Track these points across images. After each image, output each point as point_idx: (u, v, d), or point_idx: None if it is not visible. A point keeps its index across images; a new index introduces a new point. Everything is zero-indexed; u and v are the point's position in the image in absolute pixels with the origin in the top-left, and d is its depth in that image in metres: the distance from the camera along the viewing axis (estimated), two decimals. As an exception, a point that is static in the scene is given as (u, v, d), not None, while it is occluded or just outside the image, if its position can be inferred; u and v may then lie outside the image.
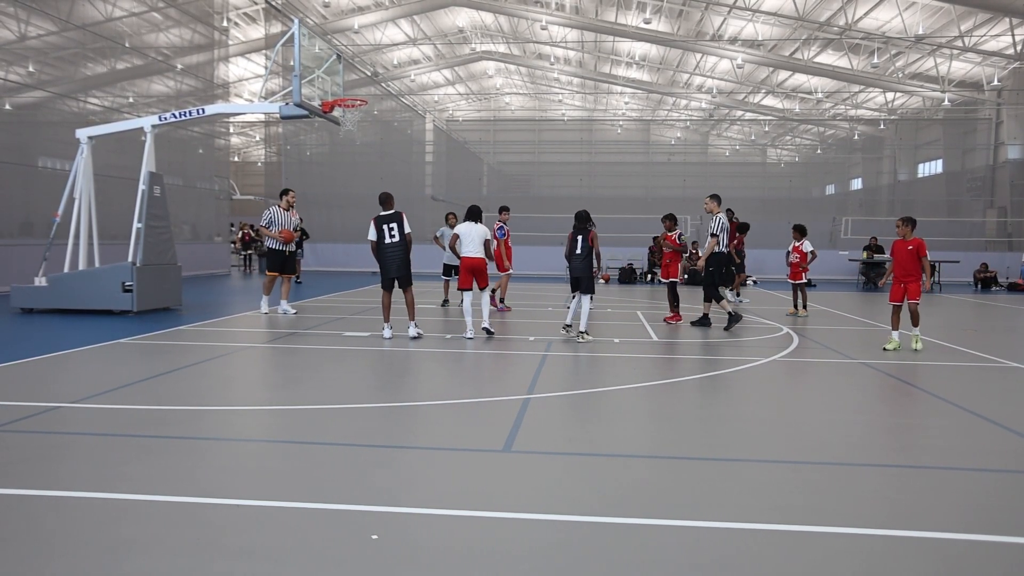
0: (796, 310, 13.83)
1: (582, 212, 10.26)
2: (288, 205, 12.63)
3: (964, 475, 4.67)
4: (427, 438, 5.39)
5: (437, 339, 10.12)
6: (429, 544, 3.43)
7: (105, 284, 12.17)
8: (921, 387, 7.45)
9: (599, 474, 4.53)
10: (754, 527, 3.66)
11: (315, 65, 12.48)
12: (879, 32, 29.38)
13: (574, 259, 10.13)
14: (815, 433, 5.59)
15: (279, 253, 12.50)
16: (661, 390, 7.20)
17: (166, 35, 23.68)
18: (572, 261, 10.20)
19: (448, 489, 4.21)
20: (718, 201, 11.85)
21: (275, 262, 12.53)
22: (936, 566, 3.34)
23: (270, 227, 12.37)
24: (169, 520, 3.66)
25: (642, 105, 49.23)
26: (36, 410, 5.76)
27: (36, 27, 18.72)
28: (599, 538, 3.53)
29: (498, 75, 47.33)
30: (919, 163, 36.87)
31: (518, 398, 6.48)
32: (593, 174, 38.05)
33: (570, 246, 10.25)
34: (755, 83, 39.67)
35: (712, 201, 11.86)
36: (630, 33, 33.21)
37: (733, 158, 45.09)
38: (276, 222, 12.40)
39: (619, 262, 25.12)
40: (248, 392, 7.12)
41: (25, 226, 17.77)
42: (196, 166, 25.39)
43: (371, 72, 36.94)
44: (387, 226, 9.88)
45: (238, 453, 4.99)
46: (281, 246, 12.46)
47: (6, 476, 4.27)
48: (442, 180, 37.31)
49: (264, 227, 12.44)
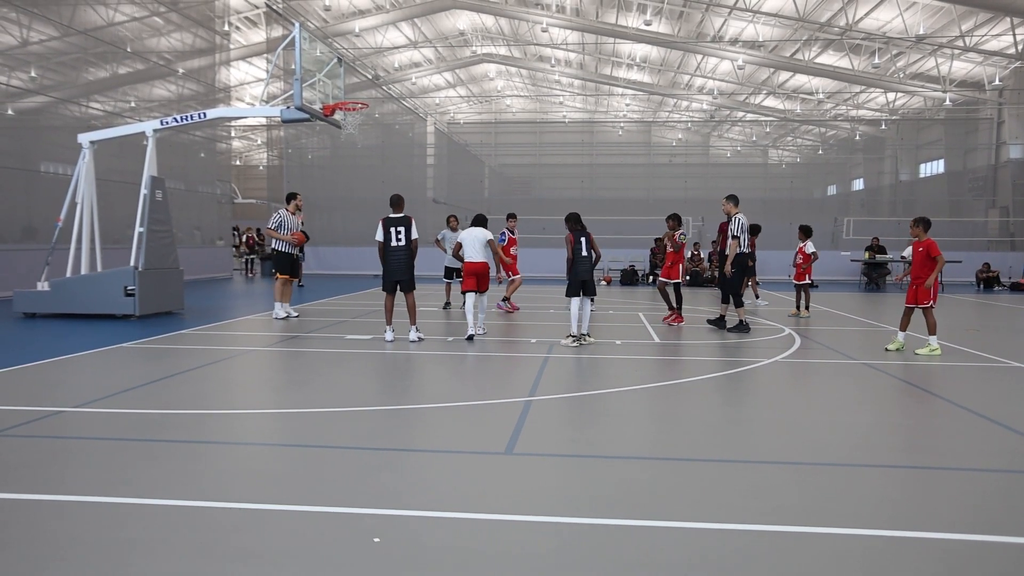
0: (799, 311, 13.82)
1: (574, 214, 10.14)
2: (296, 208, 12.67)
3: (966, 475, 4.67)
4: (428, 441, 5.40)
5: (439, 342, 10.13)
6: (431, 546, 3.44)
7: (107, 288, 12.20)
8: (923, 387, 7.45)
9: (601, 476, 4.54)
10: (756, 528, 3.66)
11: (316, 69, 12.51)
12: (880, 32, 29.37)
13: (580, 262, 9.88)
14: (817, 434, 5.60)
15: (288, 256, 12.54)
16: (663, 392, 7.21)
17: (167, 39, 23.72)
18: (578, 264, 9.88)
19: (450, 491, 4.21)
20: (735, 202, 11.63)
21: (285, 265, 12.54)
22: (938, 566, 3.34)
23: (280, 230, 12.40)
24: (172, 523, 3.68)
25: (643, 107, 49.24)
26: (40, 414, 5.77)
27: (38, 32, 18.77)
28: (601, 540, 3.54)
29: (499, 77, 47.38)
30: (921, 163, 36.83)
31: (520, 400, 6.49)
32: (594, 176, 38.06)
33: (573, 249, 9.94)
34: (756, 84, 39.67)
35: (729, 202, 11.67)
36: (631, 35, 33.22)
37: (734, 159, 45.08)
38: (286, 225, 12.44)
39: (621, 264, 25.13)
40: (250, 395, 7.13)
41: (28, 231, 17.80)
42: (198, 170, 25.44)
43: (372, 75, 36.99)
44: (394, 229, 9.89)
45: (240, 456, 5.00)
46: (290, 249, 12.50)
47: (9, 480, 4.29)
48: (443, 183, 37.33)
49: (273, 230, 12.46)
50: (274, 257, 12.75)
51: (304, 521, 3.74)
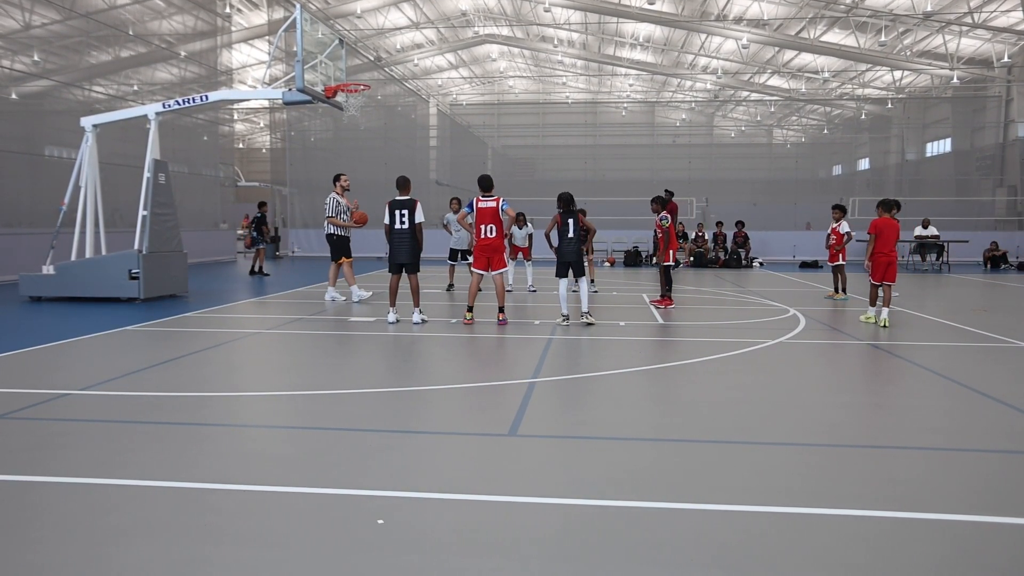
0: (836, 293, 13.50)
1: (566, 194, 9.99)
2: (343, 189, 12.64)
3: (974, 456, 4.65)
4: (432, 422, 5.40)
5: (442, 324, 10.12)
6: (435, 528, 3.44)
7: (112, 272, 12.21)
8: (929, 368, 7.42)
9: (605, 457, 4.53)
10: (762, 509, 3.65)
11: (318, 50, 12.43)
12: (887, 9, 29.05)
13: (566, 243, 9.85)
14: (822, 415, 5.58)
15: (346, 240, 12.59)
16: (667, 373, 7.19)
17: (169, 22, 23.62)
18: (564, 245, 9.88)
19: (453, 473, 4.22)
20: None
21: (343, 248, 12.57)
22: (944, 548, 3.33)
23: (340, 216, 12.39)
24: (176, 506, 3.68)
25: (647, 87, 48.90)
26: (45, 397, 5.79)
27: (40, 16, 18.69)
28: (605, 521, 3.54)
29: (501, 58, 47.05)
30: (927, 142, 36.55)
31: (523, 382, 6.49)
32: (598, 157, 37.85)
33: (559, 229, 9.90)
34: (761, 63, 39.34)
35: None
36: (634, 14, 32.93)
37: (739, 139, 44.75)
38: (343, 208, 12.44)
39: (624, 245, 25.07)
40: (254, 378, 7.14)
41: (32, 215, 17.81)
42: (201, 153, 25.40)
43: (374, 57, 36.78)
44: (399, 211, 9.86)
45: (244, 439, 5.01)
46: (344, 232, 12.49)
47: (15, 463, 4.30)
48: (446, 164, 37.19)
49: (334, 217, 12.39)
50: (334, 242, 12.56)
51: (308, 503, 3.74)
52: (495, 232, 10.14)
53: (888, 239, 10.21)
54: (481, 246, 10.18)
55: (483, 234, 10.13)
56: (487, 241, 10.13)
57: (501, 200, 10.11)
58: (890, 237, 10.23)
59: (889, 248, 10.24)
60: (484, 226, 10.11)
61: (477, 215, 10.16)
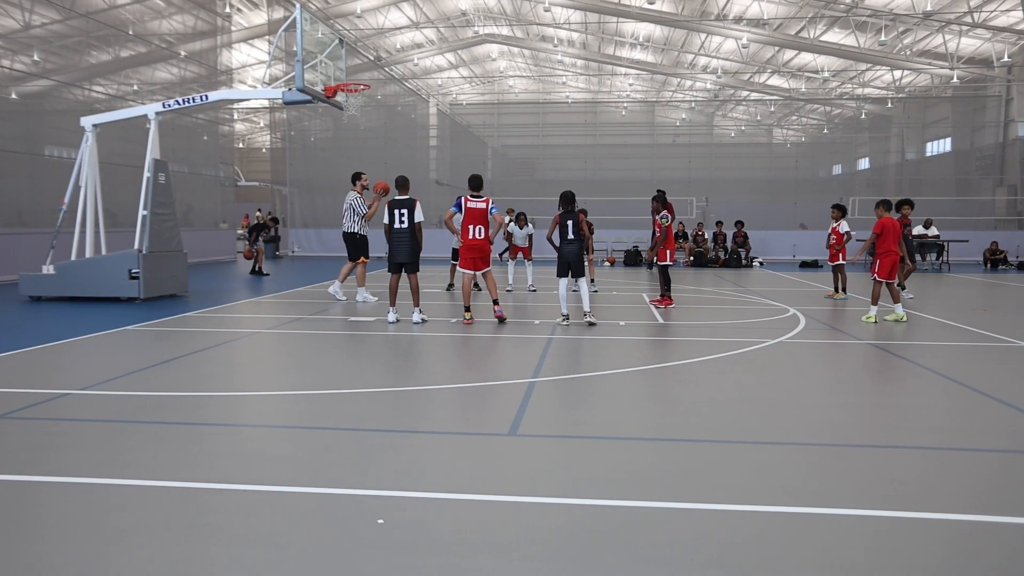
0: (836, 293, 13.56)
1: (568, 193, 9.97)
2: (363, 188, 12.60)
3: (974, 455, 4.65)
4: (432, 422, 5.39)
5: (442, 323, 10.12)
6: (435, 528, 3.44)
7: (112, 272, 12.22)
8: (929, 367, 7.42)
9: (605, 457, 4.53)
10: (762, 509, 3.65)
11: (318, 50, 12.43)
12: (887, 9, 29.04)
13: (565, 244, 9.87)
14: (822, 415, 5.58)
15: (364, 239, 12.49)
16: (667, 373, 7.19)
17: (169, 22, 23.62)
18: (564, 246, 9.90)
19: (454, 473, 4.21)
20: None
21: (361, 248, 12.47)
22: (944, 547, 3.33)
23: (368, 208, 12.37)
24: (176, 506, 3.68)
25: (646, 86, 48.86)
26: (45, 397, 5.79)
27: (40, 16, 18.69)
28: (605, 521, 3.54)
29: (501, 58, 47.02)
30: (927, 142, 36.53)
31: (524, 382, 6.48)
32: (598, 156, 37.84)
33: (560, 230, 9.92)
34: (760, 63, 39.31)
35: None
36: (634, 14, 32.91)
37: (738, 139, 44.71)
38: (364, 205, 12.38)
39: (624, 244, 25.07)
40: (254, 378, 7.14)
41: (32, 215, 17.81)
42: (201, 153, 25.39)
43: (374, 57, 36.76)
44: (398, 211, 9.86)
45: (244, 439, 5.01)
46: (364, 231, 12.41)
47: (15, 463, 4.30)
48: (446, 164, 37.18)
49: (367, 211, 12.36)
50: (355, 241, 12.43)
51: (308, 503, 3.74)
52: (483, 233, 10.11)
53: (894, 238, 10.59)
54: (468, 246, 10.12)
55: (471, 234, 10.07)
56: (474, 242, 10.09)
57: (491, 203, 10.08)
58: (895, 236, 10.62)
59: (895, 247, 10.60)
60: (472, 226, 10.07)
61: (465, 214, 10.10)
